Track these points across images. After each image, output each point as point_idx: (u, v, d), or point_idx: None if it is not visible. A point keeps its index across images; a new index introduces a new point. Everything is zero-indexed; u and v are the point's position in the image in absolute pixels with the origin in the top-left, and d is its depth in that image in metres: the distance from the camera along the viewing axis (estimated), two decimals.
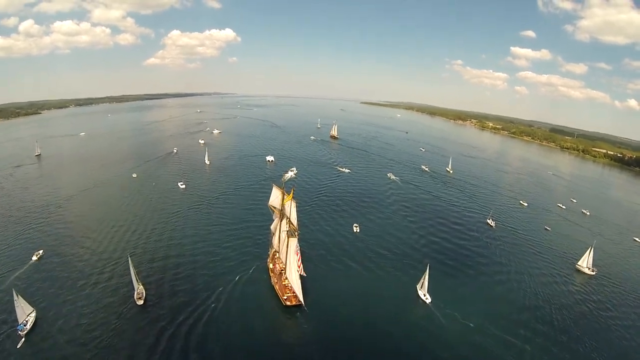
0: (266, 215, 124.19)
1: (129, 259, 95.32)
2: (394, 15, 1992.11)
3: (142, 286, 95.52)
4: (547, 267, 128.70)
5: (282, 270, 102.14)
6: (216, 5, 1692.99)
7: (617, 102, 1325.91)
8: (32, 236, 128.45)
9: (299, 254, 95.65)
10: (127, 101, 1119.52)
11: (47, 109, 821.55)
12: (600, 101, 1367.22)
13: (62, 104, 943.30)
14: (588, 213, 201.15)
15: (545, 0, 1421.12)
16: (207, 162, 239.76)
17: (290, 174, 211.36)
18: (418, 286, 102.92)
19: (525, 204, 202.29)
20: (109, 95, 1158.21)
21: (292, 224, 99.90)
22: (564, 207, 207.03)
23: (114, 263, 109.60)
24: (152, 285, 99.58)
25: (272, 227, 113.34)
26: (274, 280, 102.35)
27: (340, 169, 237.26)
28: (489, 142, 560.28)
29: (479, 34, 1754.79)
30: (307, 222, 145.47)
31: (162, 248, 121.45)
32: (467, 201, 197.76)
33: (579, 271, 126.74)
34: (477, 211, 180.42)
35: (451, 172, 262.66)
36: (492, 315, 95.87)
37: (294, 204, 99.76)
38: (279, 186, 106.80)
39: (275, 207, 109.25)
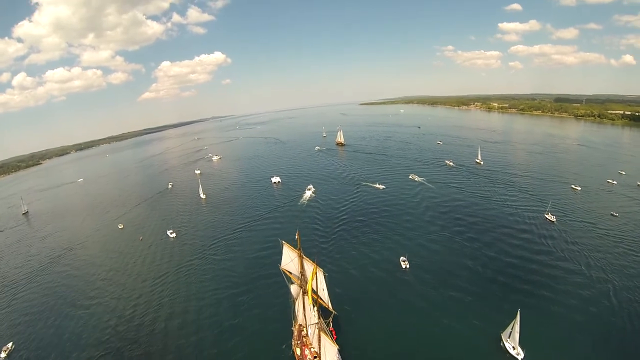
0: (278, 263, 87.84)
1: None
2: (377, 15, 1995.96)
3: None
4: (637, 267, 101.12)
5: (315, 358, 71.11)
6: (201, 30, 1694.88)
7: (612, 61, 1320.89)
8: (4, 323, 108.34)
9: None
10: (127, 138, 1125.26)
11: (48, 158, 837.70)
12: (595, 62, 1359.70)
13: (62, 151, 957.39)
14: None
15: None
16: (202, 196, 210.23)
17: (308, 194, 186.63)
18: (504, 335, 73.39)
19: (578, 188, 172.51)
20: (108, 135, 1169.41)
21: (322, 300, 67.92)
22: (615, 182, 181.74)
23: None
24: None
25: (292, 291, 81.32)
26: None
27: (373, 185, 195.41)
28: (502, 122, 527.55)
29: (463, 16, 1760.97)
30: (340, 258, 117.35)
31: (141, 341, 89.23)
32: (517, 196, 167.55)
33: None
34: (533, 206, 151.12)
35: (482, 163, 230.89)
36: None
37: (321, 275, 67.63)
38: (293, 246, 72.51)
39: (291, 273, 77.17)
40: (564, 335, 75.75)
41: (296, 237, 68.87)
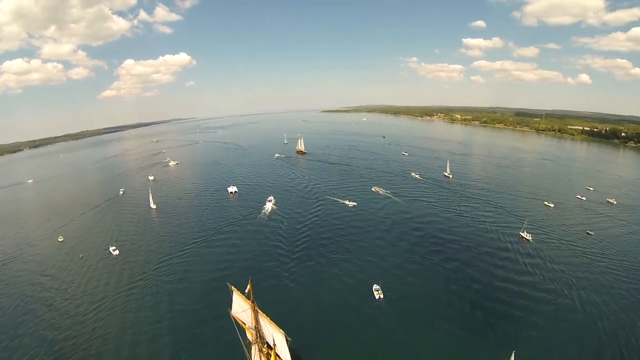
0: (228, 308, 74.55)
1: None
2: (343, 21, 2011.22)
3: None
4: (625, 289, 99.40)
5: None
6: (167, 30, 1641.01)
7: (569, 79, 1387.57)
8: None
9: None
10: (85, 137, 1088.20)
11: None
12: (554, 80, 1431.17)
13: (15, 148, 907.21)
14: (614, 202, 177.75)
15: None
16: (152, 206, 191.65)
17: (269, 206, 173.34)
18: None
19: (551, 205, 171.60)
20: (66, 133, 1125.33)
21: None
22: (584, 198, 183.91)
23: None
24: None
25: (247, 335, 68.47)
26: None
27: (340, 200, 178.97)
28: (467, 134, 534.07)
29: (429, 29, 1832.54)
30: (308, 282, 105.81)
31: None
32: (491, 212, 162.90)
33: None
34: (508, 223, 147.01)
35: (451, 176, 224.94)
36: None
37: (282, 339, 56.72)
38: (243, 294, 60.63)
39: (244, 324, 64.95)
40: None
41: (247, 289, 57.15)
